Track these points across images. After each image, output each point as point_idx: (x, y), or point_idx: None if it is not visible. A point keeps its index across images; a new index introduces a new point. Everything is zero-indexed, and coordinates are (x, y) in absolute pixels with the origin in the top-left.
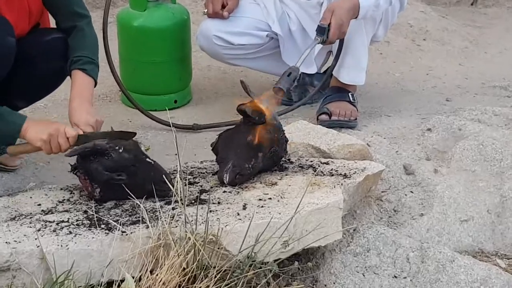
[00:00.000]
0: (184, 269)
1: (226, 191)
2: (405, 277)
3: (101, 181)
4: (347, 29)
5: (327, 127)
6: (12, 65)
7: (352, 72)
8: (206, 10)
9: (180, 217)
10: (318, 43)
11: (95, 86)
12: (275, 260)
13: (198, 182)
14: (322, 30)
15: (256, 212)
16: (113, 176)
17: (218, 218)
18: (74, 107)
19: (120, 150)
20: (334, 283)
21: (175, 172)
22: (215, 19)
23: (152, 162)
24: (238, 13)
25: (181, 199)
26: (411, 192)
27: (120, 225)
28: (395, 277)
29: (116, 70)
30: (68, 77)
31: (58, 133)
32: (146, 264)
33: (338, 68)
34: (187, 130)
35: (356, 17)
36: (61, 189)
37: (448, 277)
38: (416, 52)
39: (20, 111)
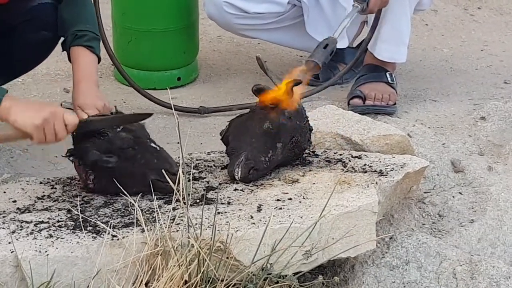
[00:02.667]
0: (186, 282)
1: (237, 189)
2: None
3: (89, 163)
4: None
5: (360, 113)
6: None
7: (391, 47)
8: None
9: (182, 220)
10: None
11: None
12: (295, 273)
13: (204, 178)
14: None
15: (273, 215)
16: (102, 157)
17: (227, 222)
18: (81, 90)
19: (118, 129)
20: None
21: (176, 164)
22: None
23: (158, 148)
24: None
25: (183, 198)
26: (460, 193)
27: (110, 227)
28: None
29: (109, 40)
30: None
31: (55, 119)
32: (140, 275)
33: (375, 42)
34: (192, 114)
35: None
36: (41, 183)
37: None
38: (469, 24)
39: None
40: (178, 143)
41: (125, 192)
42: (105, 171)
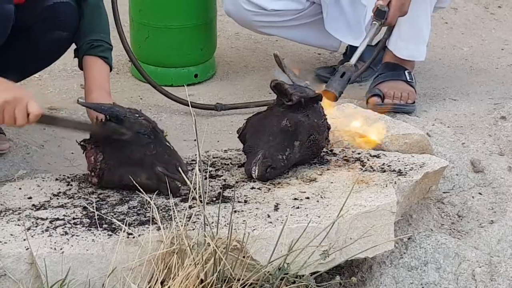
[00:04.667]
0: (202, 281)
1: (254, 188)
2: None
3: (104, 134)
4: (409, 7)
5: (378, 111)
6: (8, 34)
7: (411, 45)
8: None
9: (198, 218)
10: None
11: None
12: (312, 273)
13: (221, 176)
14: (382, 14)
15: (291, 215)
16: (118, 129)
17: (244, 221)
18: (94, 99)
19: (140, 116)
20: None
21: (193, 162)
22: None
23: (171, 147)
24: None
25: (199, 196)
26: (480, 194)
27: (126, 225)
28: None
29: (126, 37)
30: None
31: (17, 104)
32: (156, 274)
33: (394, 40)
34: (209, 111)
35: None
36: (57, 179)
37: None
38: (490, 22)
39: None
40: (194, 140)
41: (132, 179)
42: (116, 150)
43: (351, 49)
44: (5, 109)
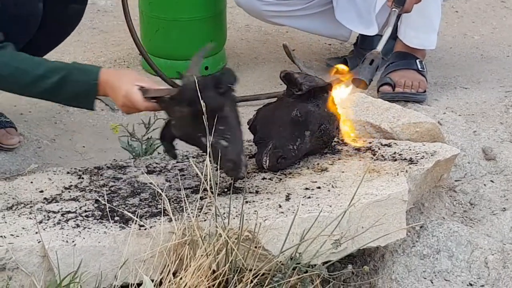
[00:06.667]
0: (213, 271)
1: (265, 178)
2: (482, 285)
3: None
4: None
5: (389, 100)
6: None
7: (422, 34)
8: None
9: (209, 209)
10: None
11: None
12: (324, 263)
13: None
14: (401, 1)
15: (302, 204)
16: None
17: (255, 211)
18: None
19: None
20: None
21: (204, 154)
22: None
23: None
24: None
25: (210, 187)
26: (492, 181)
27: (137, 217)
28: (470, 284)
29: (136, 30)
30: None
31: (129, 103)
32: (168, 265)
33: (405, 29)
34: None
35: None
36: (68, 172)
37: None
38: (500, 10)
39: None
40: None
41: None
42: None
43: (362, 39)
44: (126, 109)
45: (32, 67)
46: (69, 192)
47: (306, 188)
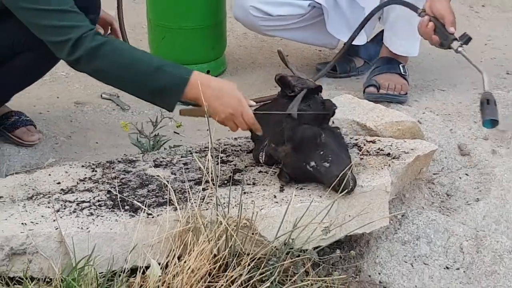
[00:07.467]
0: (215, 255)
1: (262, 171)
2: (458, 268)
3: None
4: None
5: (373, 101)
6: None
7: (406, 42)
8: None
9: (211, 199)
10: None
11: None
12: (314, 248)
13: (232, 161)
14: (468, 41)
15: (295, 195)
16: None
17: (252, 201)
18: None
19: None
20: (379, 273)
21: (206, 149)
22: None
23: (341, 156)
24: None
25: (212, 180)
26: (466, 174)
27: (145, 206)
28: (447, 268)
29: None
30: None
31: (236, 116)
32: (173, 250)
33: (391, 37)
34: None
35: None
36: (83, 166)
37: (506, 269)
38: (474, 20)
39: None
40: (207, 130)
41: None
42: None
43: (350, 47)
44: (229, 122)
45: (131, 50)
46: (83, 183)
47: None
